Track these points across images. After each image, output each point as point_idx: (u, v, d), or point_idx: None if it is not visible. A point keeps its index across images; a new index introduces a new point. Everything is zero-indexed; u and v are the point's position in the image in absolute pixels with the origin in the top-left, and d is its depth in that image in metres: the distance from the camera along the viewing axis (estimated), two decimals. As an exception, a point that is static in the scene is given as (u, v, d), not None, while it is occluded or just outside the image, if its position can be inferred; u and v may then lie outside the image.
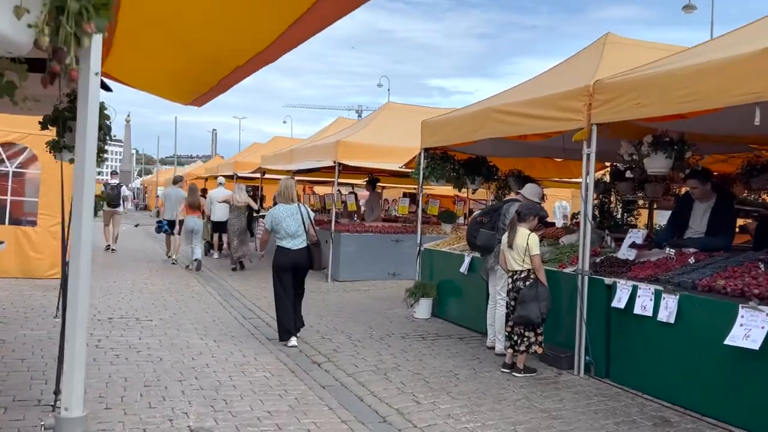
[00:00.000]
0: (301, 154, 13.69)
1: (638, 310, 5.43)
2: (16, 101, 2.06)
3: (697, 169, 6.34)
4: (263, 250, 7.71)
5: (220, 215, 13.85)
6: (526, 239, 5.86)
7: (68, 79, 1.67)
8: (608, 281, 5.85)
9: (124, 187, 16.32)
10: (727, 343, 4.51)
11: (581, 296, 5.97)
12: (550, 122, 6.37)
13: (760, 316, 4.40)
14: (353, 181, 19.15)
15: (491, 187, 10.12)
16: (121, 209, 15.71)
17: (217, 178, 16.85)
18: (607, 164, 9.70)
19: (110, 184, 15.45)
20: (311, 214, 7.12)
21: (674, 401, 5.12)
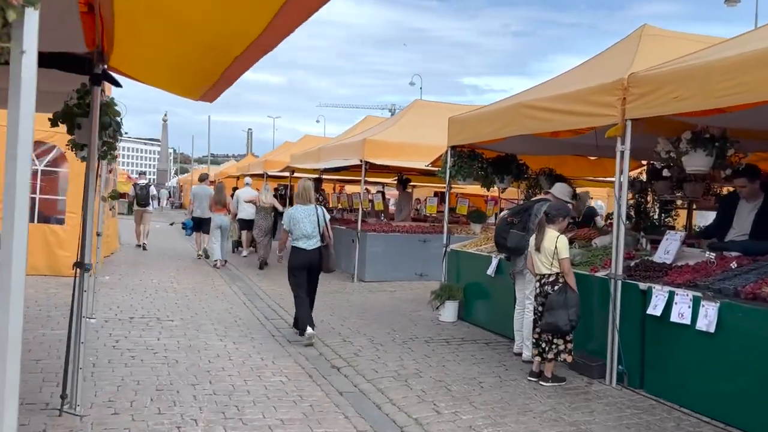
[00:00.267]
0: (328, 152, 13.55)
1: (675, 317, 5.09)
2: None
3: (743, 166, 5.96)
4: (281, 251, 7.62)
5: (246, 214, 14.04)
6: (554, 241, 5.57)
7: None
8: (643, 286, 5.51)
9: (152, 186, 16.71)
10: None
11: (614, 302, 5.65)
12: (581, 118, 6.06)
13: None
14: (384, 180, 18.97)
15: (521, 186, 9.79)
16: (150, 208, 16.09)
17: (237, 178, 17.09)
18: (643, 163, 9.30)
19: (139, 184, 15.95)
20: (327, 216, 7.25)
21: (714, 416, 4.77)
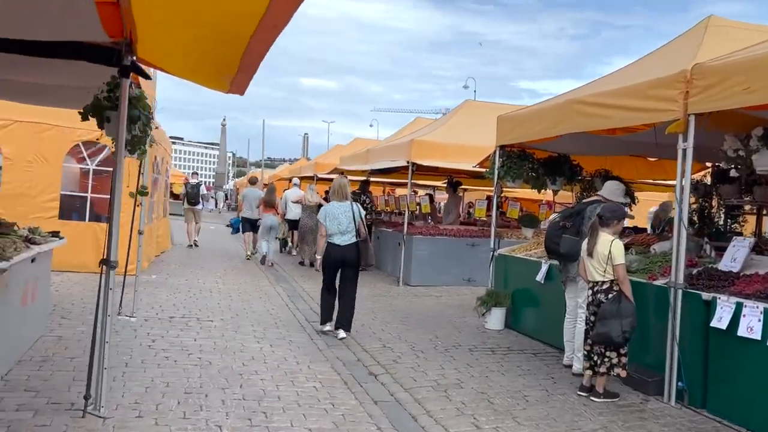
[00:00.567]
0: (376, 154, 13.34)
1: (743, 331, 4.61)
2: None
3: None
4: (321, 250, 7.39)
5: (294, 214, 14.62)
6: (608, 246, 5.16)
7: None
8: (706, 296, 5.04)
9: (203, 186, 17.24)
10: None
11: (673, 313, 5.20)
12: (639, 114, 5.61)
13: None
14: (434, 183, 18.66)
15: (574, 189, 9.32)
16: (200, 207, 16.64)
17: (290, 180, 17.63)
18: (708, 165, 8.69)
19: (190, 183, 16.63)
20: (362, 212, 7.39)
21: (787, 443, 4.29)
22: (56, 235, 6.23)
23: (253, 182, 15.47)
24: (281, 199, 15.10)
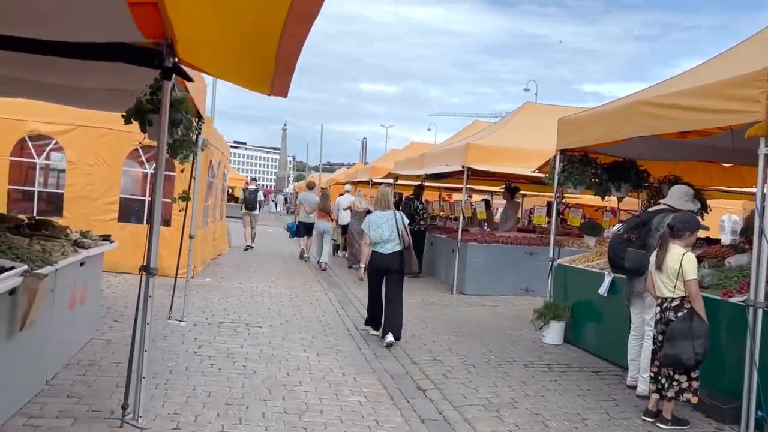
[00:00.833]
0: (431, 158, 13.06)
1: (835, 358, 4.12)
2: None
3: None
4: (365, 262, 7.34)
5: (345, 220, 14.88)
6: (679, 260, 4.74)
7: None
8: (791, 317, 4.55)
9: (260, 192, 17.67)
10: None
11: (752, 333, 4.70)
12: (715, 115, 5.13)
13: None
14: (492, 188, 18.22)
15: (640, 196, 8.79)
16: (257, 212, 17.05)
17: (344, 185, 18.08)
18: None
19: (248, 189, 17.25)
20: (406, 220, 7.40)
21: None
22: (107, 238, 6.24)
23: (310, 187, 15.45)
24: (334, 205, 15.46)
